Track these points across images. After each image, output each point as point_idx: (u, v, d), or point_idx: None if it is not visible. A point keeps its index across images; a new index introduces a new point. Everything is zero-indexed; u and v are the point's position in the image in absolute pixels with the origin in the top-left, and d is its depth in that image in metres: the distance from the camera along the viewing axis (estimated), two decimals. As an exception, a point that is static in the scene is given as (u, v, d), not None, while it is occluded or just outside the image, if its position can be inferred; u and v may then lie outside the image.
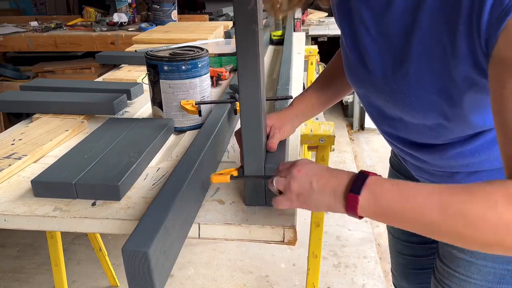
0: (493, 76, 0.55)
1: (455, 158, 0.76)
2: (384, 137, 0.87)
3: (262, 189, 0.76)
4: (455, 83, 0.62)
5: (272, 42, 2.14)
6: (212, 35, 2.03)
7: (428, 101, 0.66)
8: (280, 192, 0.66)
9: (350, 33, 0.76)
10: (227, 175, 0.74)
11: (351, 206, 0.58)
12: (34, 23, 2.88)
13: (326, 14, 4.11)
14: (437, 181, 0.84)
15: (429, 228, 0.55)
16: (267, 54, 1.95)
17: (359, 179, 0.59)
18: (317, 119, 3.11)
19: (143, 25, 2.61)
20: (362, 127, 3.65)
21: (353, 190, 0.58)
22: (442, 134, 0.73)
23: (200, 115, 1.03)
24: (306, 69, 2.57)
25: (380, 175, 0.60)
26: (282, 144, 0.83)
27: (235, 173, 0.76)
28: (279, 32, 2.14)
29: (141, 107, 1.27)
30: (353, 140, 3.48)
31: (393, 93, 0.70)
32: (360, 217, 0.59)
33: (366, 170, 0.60)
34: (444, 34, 0.59)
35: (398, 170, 1.04)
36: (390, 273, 1.23)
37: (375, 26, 0.70)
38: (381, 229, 2.37)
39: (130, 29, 2.64)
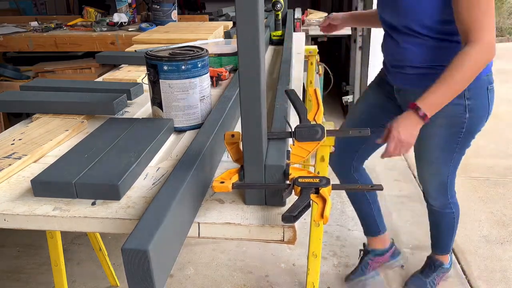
0: None
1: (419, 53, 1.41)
2: (385, 40, 1.55)
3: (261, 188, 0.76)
4: None
5: (272, 42, 2.14)
6: (212, 35, 2.04)
7: None
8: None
9: None
10: (228, 183, 0.74)
11: (420, 112, 1.26)
12: (34, 23, 2.88)
13: (326, 14, 4.11)
14: (409, 81, 1.48)
15: (457, 87, 1.25)
16: (267, 54, 1.95)
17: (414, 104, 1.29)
18: (317, 119, 3.11)
19: (143, 25, 2.61)
20: (362, 127, 3.64)
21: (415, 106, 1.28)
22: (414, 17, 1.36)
23: None
24: (306, 69, 2.57)
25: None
26: (282, 143, 0.83)
27: (236, 177, 0.76)
28: (279, 32, 2.14)
29: (141, 107, 1.27)
30: (353, 140, 3.48)
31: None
32: (428, 118, 1.27)
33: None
34: None
35: (378, 82, 1.70)
36: (390, 272, 1.31)
37: None
38: (381, 229, 2.37)
39: (130, 29, 2.64)
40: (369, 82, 2.28)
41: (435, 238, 1.88)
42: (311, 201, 0.70)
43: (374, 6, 2.81)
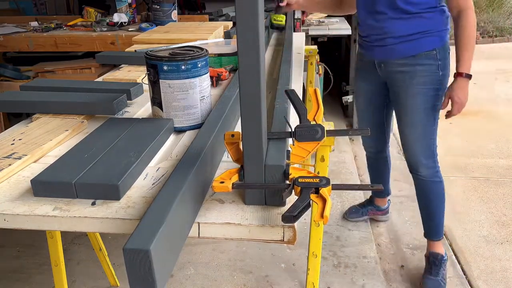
0: None
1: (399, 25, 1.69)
2: (363, 29, 1.81)
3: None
4: None
5: (272, 26, 2.06)
6: (212, 35, 2.04)
7: None
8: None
9: None
10: (228, 183, 0.74)
11: (465, 75, 1.64)
12: (34, 23, 2.88)
13: (326, 14, 4.11)
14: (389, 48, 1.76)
15: (472, 43, 1.64)
16: (267, 54, 1.95)
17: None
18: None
19: (143, 25, 2.61)
20: (362, 127, 3.65)
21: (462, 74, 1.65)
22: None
23: None
24: (306, 69, 2.57)
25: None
26: (282, 143, 0.83)
27: (236, 177, 0.76)
28: (281, 17, 2.06)
29: (141, 107, 1.27)
30: (353, 140, 3.48)
31: None
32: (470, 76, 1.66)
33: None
34: None
35: (362, 67, 1.95)
36: (390, 272, 1.30)
37: None
38: (381, 229, 2.37)
39: (130, 29, 2.64)
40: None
41: (428, 218, 1.96)
42: (311, 201, 0.70)
43: None
